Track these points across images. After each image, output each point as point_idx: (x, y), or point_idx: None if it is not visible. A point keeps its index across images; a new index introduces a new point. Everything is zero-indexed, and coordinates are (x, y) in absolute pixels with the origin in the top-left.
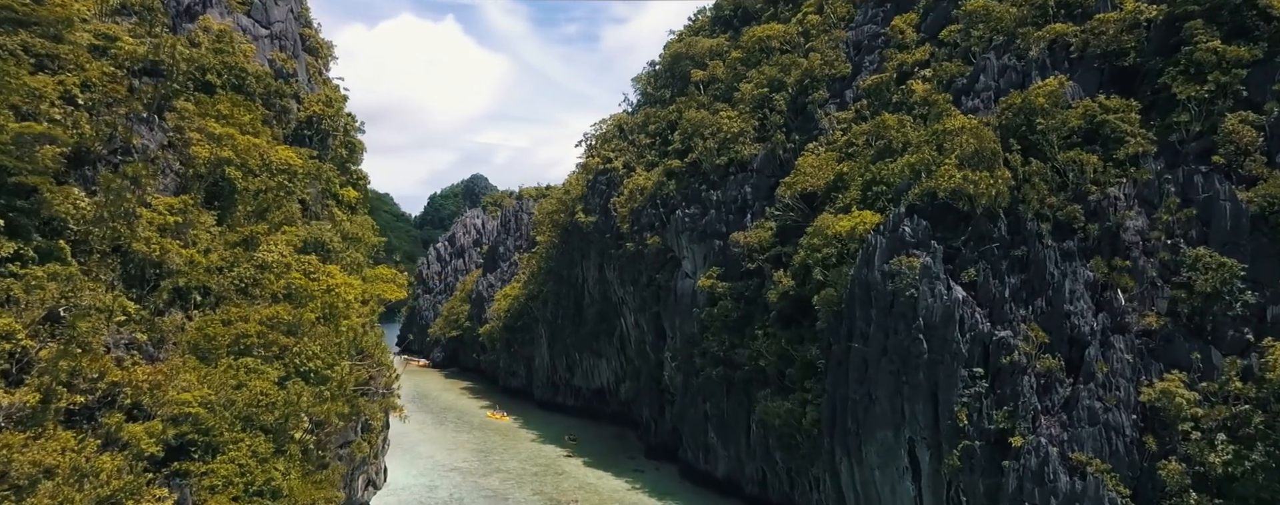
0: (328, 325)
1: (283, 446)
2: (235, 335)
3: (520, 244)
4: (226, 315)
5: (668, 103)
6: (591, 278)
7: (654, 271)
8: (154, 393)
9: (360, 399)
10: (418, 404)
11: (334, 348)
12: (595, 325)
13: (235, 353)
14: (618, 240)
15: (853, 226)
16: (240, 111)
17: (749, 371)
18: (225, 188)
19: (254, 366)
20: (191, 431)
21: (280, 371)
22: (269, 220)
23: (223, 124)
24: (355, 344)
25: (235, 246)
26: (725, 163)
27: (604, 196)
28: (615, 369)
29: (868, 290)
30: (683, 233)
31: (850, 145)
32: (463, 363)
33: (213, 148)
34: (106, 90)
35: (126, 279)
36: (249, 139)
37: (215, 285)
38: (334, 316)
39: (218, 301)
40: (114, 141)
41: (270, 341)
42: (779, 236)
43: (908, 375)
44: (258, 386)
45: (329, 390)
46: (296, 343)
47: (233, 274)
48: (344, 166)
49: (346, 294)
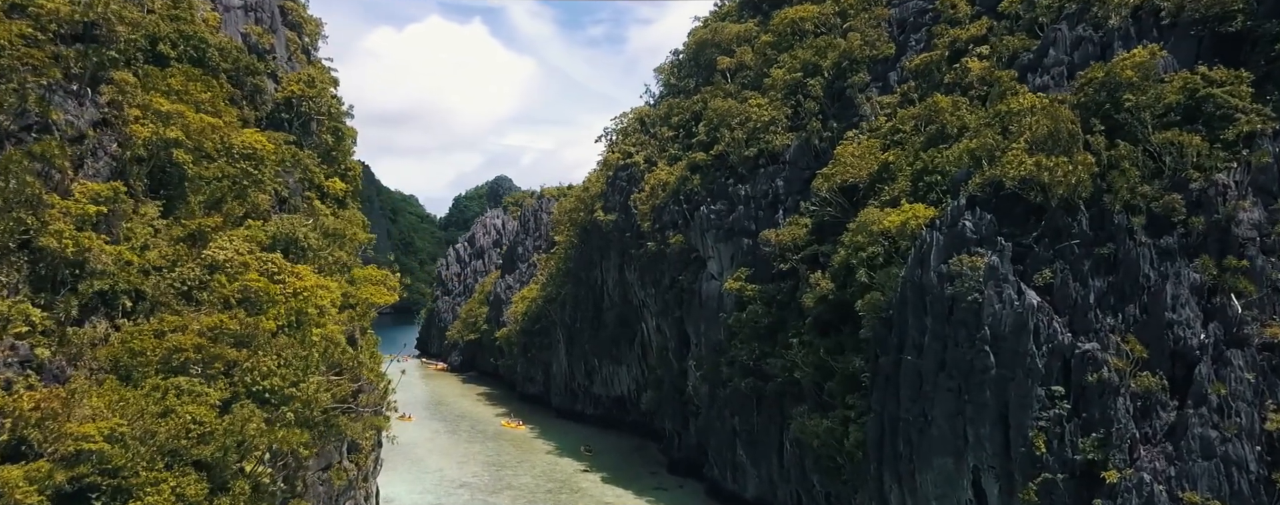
0: (293, 335)
1: (225, 484)
2: (168, 349)
3: (539, 244)
4: (161, 325)
5: (692, 93)
6: (611, 279)
7: (677, 273)
8: (45, 425)
9: (342, 418)
10: (431, 411)
11: (300, 361)
12: (615, 330)
13: (167, 371)
14: (638, 239)
15: (903, 221)
16: (197, 87)
17: (782, 384)
18: (174, 175)
19: (189, 387)
20: (93, 473)
21: (225, 392)
22: (225, 212)
23: (174, 101)
24: (331, 355)
25: (181, 243)
26: (755, 154)
27: (624, 193)
28: (636, 377)
29: (922, 294)
30: (708, 231)
31: (896, 132)
32: (480, 367)
33: (157, 127)
34: (20, 55)
35: (35, 281)
36: (205, 119)
37: (151, 289)
38: (302, 324)
39: (154, 308)
40: (27, 117)
41: (213, 356)
42: (815, 234)
43: (971, 393)
44: (190, 413)
45: (291, 411)
46: (248, 357)
47: (174, 275)
48: (329, 155)
49: (321, 298)
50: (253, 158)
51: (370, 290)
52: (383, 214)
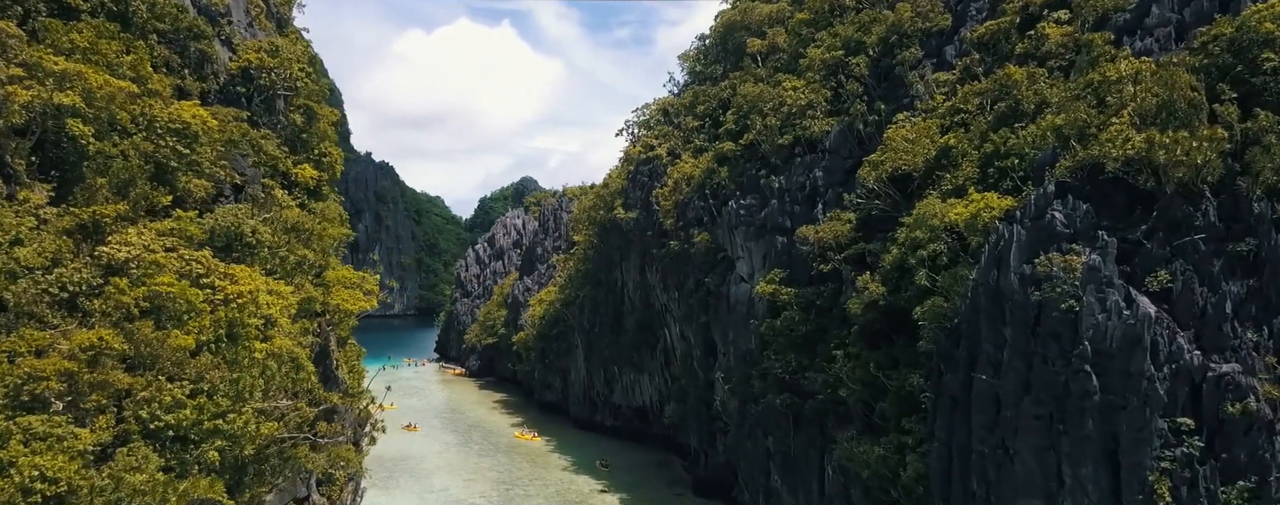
0: (227, 352)
1: None
2: (20, 378)
3: (559, 245)
4: (17, 344)
5: (719, 80)
6: (631, 281)
7: (702, 274)
8: None
9: (300, 450)
10: (443, 420)
11: (229, 386)
12: (636, 336)
13: (14, 408)
14: (660, 238)
15: (972, 214)
16: (111, 47)
17: (823, 402)
18: (69, 151)
19: (45, 429)
20: None
21: (106, 433)
22: (133, 199)
23: (75, 60)
24: (277, 378)
25: (69, 236)
26: (789, 142)
27: (646, 189)
28: (659, 386)
29: (998, 300)
30: (737, 228)
31: (957, 112)
32: (499, 372)
33: (43, 90)
34: None
35: None
36: (114, 83)
37: (16, 296)
38: (238, 339)
39: (17, 321)
40: None
41: (94, 385)
42: (861, 230)
43: (1068, 424)
44: (39, 467)
45: (211, 452)
46: (148, 384)
47: (51, 278)
48: (299, 138)
49: (269, 306)
50: (184, 135)
51: (343, 295)
52: (407, 215)
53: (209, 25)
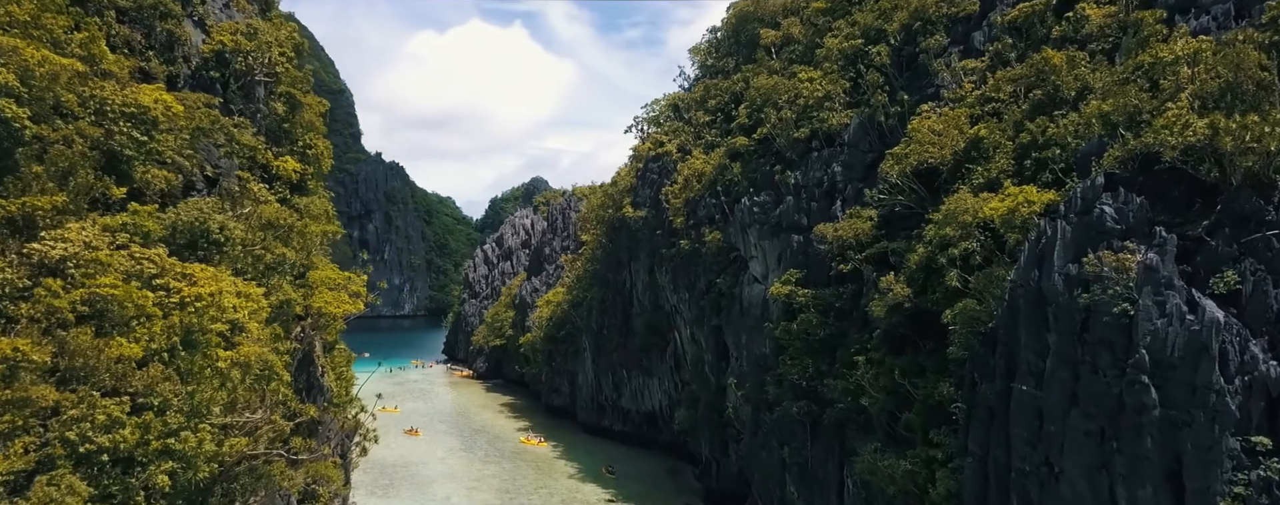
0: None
1: None
2: None
3: (567, 245)
4: None
5: (731, 73)
6: (640, 282)
7: (713, 275)
8: None
9: (276, 466)
10: (448, 424)
11: (181, 400)
12: (645, 338)
13: None
14: (670, 238)
15: (1010, 209)
16: (57, 20)
17: (843, 411)
18: (1, 135)
19: None
20: None
21: (21, 460)
22: (73, 190)
23: (13, 34)
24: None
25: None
26: (806, 136)
27: (655, 187)
28: (668, 391)
29: (1040, 303)
30: (750, 226)
31: (988, 101)
32: (506, 374)
33: None
34: None
35: None
36: (54, 59)
37: None
38: (196, 347)
39: None
40: None
41: (7, 403)
42: (883, 228)
43: (1122, 441)
44: None
45: (159, 476)
46: (79, 400)
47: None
48: (281, 129)
49: (238, 309)
50: (141, 120)
51: (327, 297)
52: (418, 216)
53: (178, 4)
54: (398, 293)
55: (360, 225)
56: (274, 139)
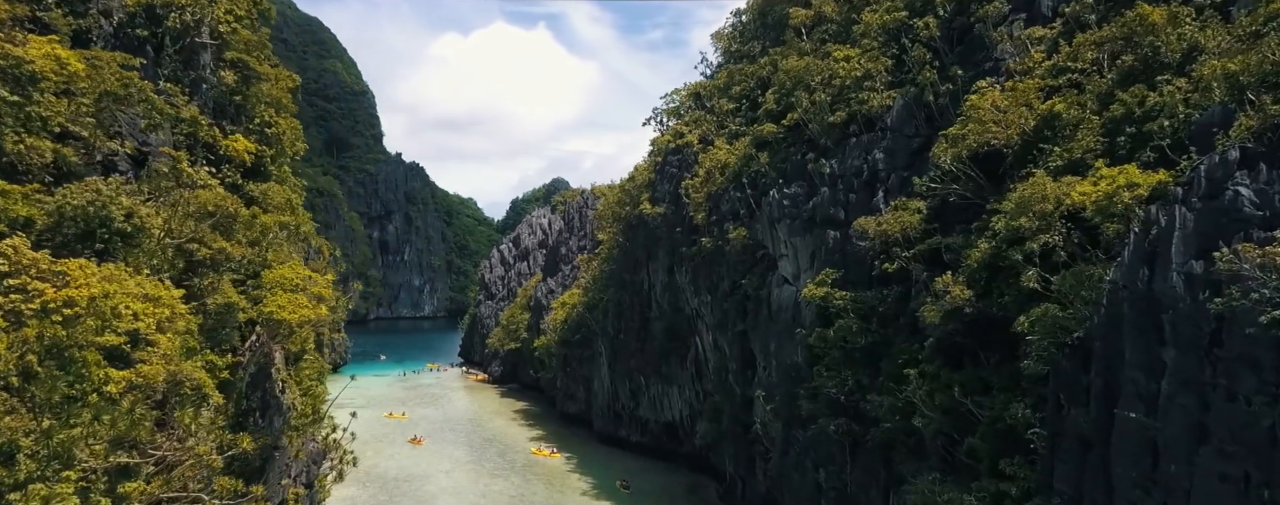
0: (32, 388)
1: None
2: None
3: (584, 244)
4: None
5: (758, 57)
6: (659, 283)
7: (738, 275)
8: None
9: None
10: (457, 433)
11: (37, 439)
12: (664, 344)
13: None
14: (691, 235)
15: (1106, 193)
16: None
17: (891, 431)
18: None
19: None
20: None
21: None
22: None
23: None
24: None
25: None
26: (843, 120)
27: (674, 181)
28: (689, 400)
29: (1151, 309)
30: (780, 221)
31: (1063, 71)
32: (521, 379)
33: None
34: None
35: None
36: None
37: None
38: (70, 366)
39: None
40: None
41: None
42: (934, 221)
43: (1278, 490)
44: None
45: None
46: None
47: None
48: (231, 103)
49: (143, 317)
50: (13, 77)
51: (281, 301)
52: (438, 216)
53: None
54: (418, 294)
55: (380, 226)
56: (224, 114)
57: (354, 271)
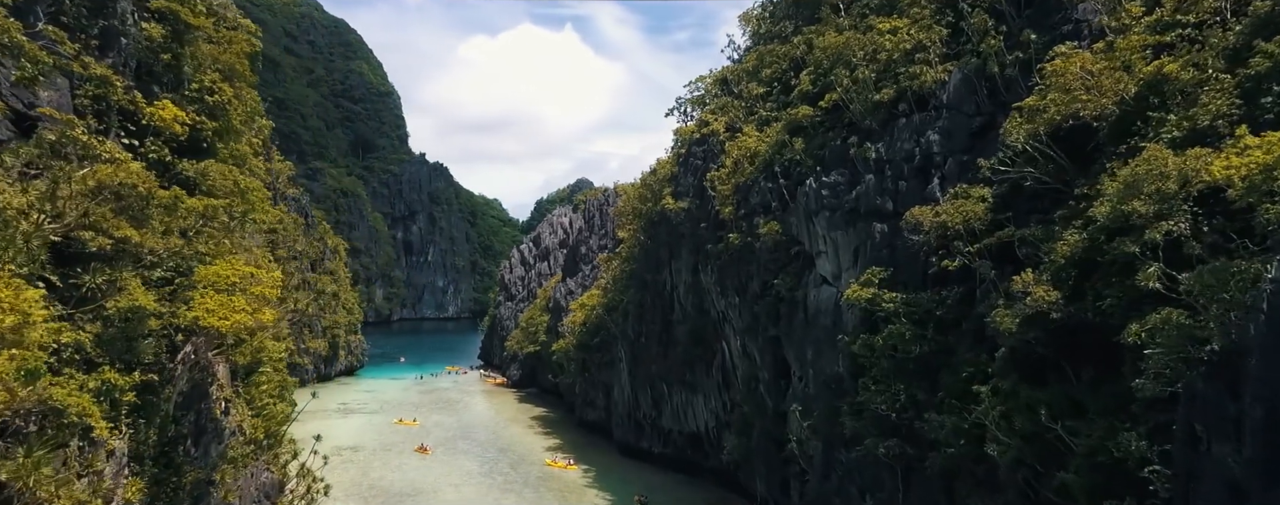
0: None
1: None
2: None
3: (605, 243)
4: None
5: (791, 37)
6: (682, 284)
7: (769, 275)
8: None
9: None
10: (470, 441)
11: None
12: (688, 349)
13: None
14: (716, 231)
15: (1265, 166)
16: None
17: (954, 457)
18: None
19: None
20: None
21: None
22: None
23: None
24: None
25: None
26: (890, 98)
27: (699, 173)
28: (716, 411)
29: None
30: (817, 213)
31: (1170, 25)
32: (540, 383)
33: None
34: None
35: None
36: None
37: None
38: None
39: None
40: None
41: None
42: (1004, 209)
43: None
44: None
45: None
46: None
47: None
48: (158, 61)
49: None
50: None
51: (211, 304)
52: (462, 217)
53: None
54: (442, 295)
55: (404, 226)
56: (153, 77)
57: (378, 272)
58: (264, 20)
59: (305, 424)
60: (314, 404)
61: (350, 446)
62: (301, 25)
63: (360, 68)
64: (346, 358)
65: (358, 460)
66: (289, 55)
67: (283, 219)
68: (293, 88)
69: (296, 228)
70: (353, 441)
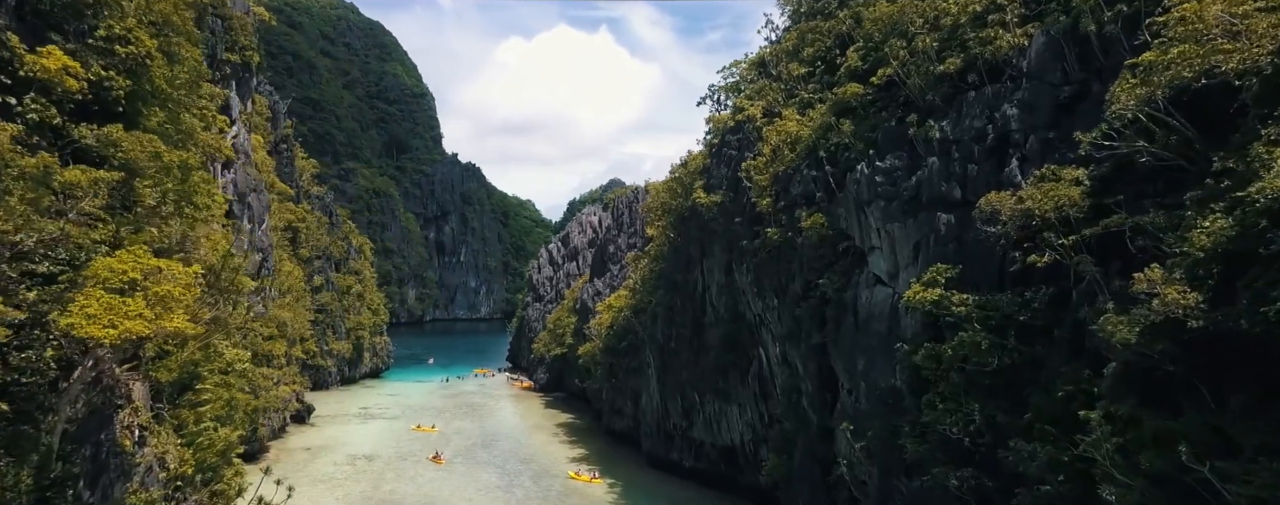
0: None
1: None
2: None
3: (634, 242)
4: None
5: (836, 11)
6: (715, 284)
7: (814, 273)
8: None
9: None
10: (490, 450)
11: None
12: (721, 355)
13: None
14: (753, 226)
15: None
16: None
17: (1052, 497)
18: None
19: None
20: None
21: None
22: None
23: None
24: None
25: None
26: (956, 70)
27: (733, 165)
28: (752, 423)
29: None
30: (870, 204)
31: None
32: (568, 387)
33: None
34: None
35: None
36: None
37: None
38: None
39: None
40: None
41: None
42: (1107, 193)
43: None
44: None
45: None
46: None
47: None
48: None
49: None
50: None
51: (91, 308)
52: (495, 217)
53: None
54: (474, 295)
55: (436, 227)
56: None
57: (410, 272)
58: (301, 23)
59: (323, 430)
60: (334, 408)
61: (365, 455)
62: (338, 28)
63: (395, 69)
64: (371, 360)
65: (371, 470)
66: (325, 57)
67: (305, 217)
68: (328, 89)
69: (320, 226)
70: (369, 449)
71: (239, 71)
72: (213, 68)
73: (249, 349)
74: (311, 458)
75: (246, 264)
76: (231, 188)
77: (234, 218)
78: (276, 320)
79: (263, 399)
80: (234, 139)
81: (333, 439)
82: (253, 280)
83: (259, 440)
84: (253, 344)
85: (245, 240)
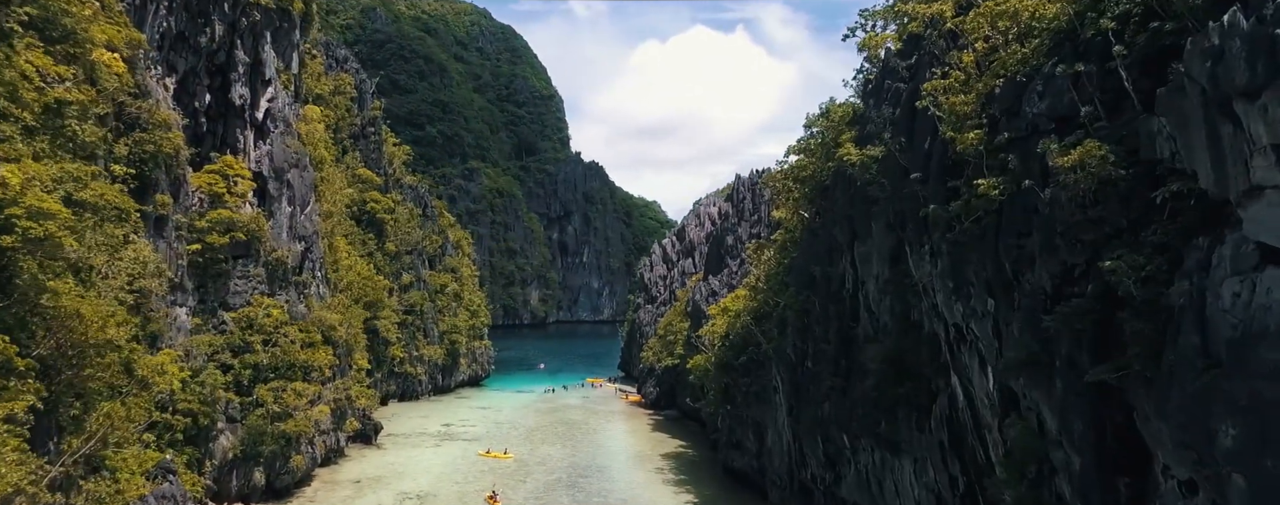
0: None
1: None
2: None
3: (758, 231)
4: None
5: None
6: (872, 278)
7: (1082, 251)
8: None
9: None
10: (576, 490)
11: None
12: (883, 384)
13: None
14: (943, 183)
15: None
16: None
17: None
18: None
19: None
20: None
21: None
22: None
23: None
24: None
25: None
26: None
27: (905, 100)
28: (935, 488)
29: None
30: (1251, 94)
31: None
32: (680, 404)
33: None
34: None
35: None
36: None
37: None
38: None
39: None
40: None
41: None
42: None
43: None
44: None
45: None
46: None
47: None
48: None
49: None
50: None
51: None
52: (617, 217)
53: None
54: (597, 297)
55: (559, 227)
56: None
57: (533, 273)
58: (437, 30)
59: (386, 455)
60: (412, 424)
61: (417, 494)
62: (471, 33)
63: (525, 72)
64: (470, 366)
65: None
66: (457, 62)
67: (394, 208)
68: (458, 92)
69: (412, 218)
70: (427, 484)
71: (275, 20)
72: (231, 9)
73: (264, 358)
74: (355, 495)
75: (288, 256)
76: (267, 160)
77: (270, 198)
78: (320, 323)
79: (291, 423)
80: (270, 102)
81: (392, 468)
82: (297, 274)
83: (293, 471)
84: (284, 353)
85: (283, 224)
